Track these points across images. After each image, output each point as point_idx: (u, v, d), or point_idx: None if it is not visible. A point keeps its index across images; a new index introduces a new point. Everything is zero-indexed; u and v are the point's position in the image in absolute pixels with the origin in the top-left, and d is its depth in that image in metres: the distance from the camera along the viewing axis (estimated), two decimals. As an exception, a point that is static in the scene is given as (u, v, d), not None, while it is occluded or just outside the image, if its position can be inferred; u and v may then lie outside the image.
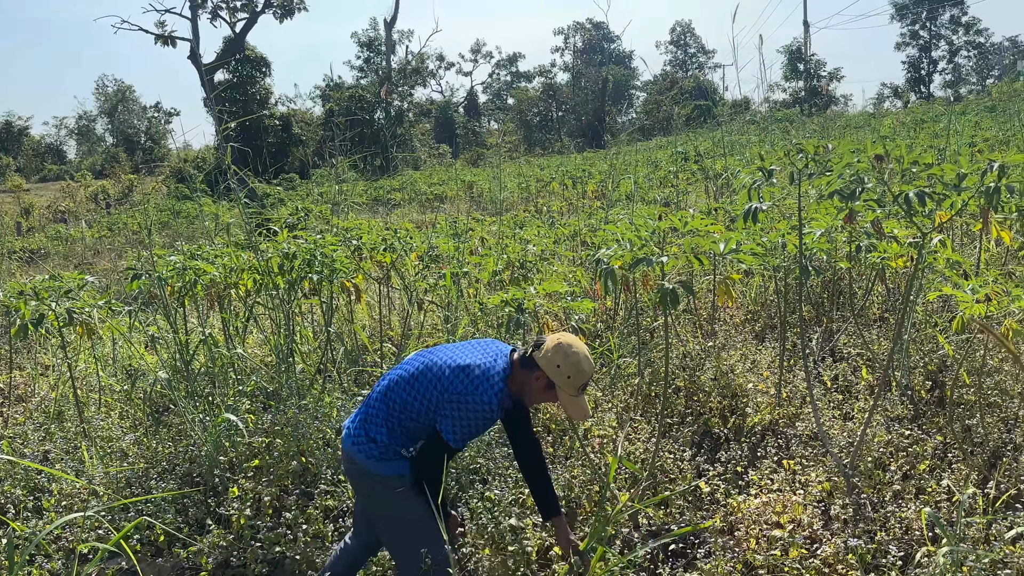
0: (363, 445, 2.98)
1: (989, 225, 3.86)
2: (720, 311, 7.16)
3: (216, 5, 25.11)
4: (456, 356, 3.00)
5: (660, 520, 3.92)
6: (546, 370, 2.92)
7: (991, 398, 4.59)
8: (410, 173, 33.75)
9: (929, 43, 50.66)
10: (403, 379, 3.01)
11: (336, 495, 4.12)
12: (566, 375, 2.90)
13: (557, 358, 2.90)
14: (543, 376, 2.94)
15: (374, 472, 2.97)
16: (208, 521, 3.99)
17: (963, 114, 20.11)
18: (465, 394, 2.87)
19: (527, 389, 3.01)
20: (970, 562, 3.08)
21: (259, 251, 5.09)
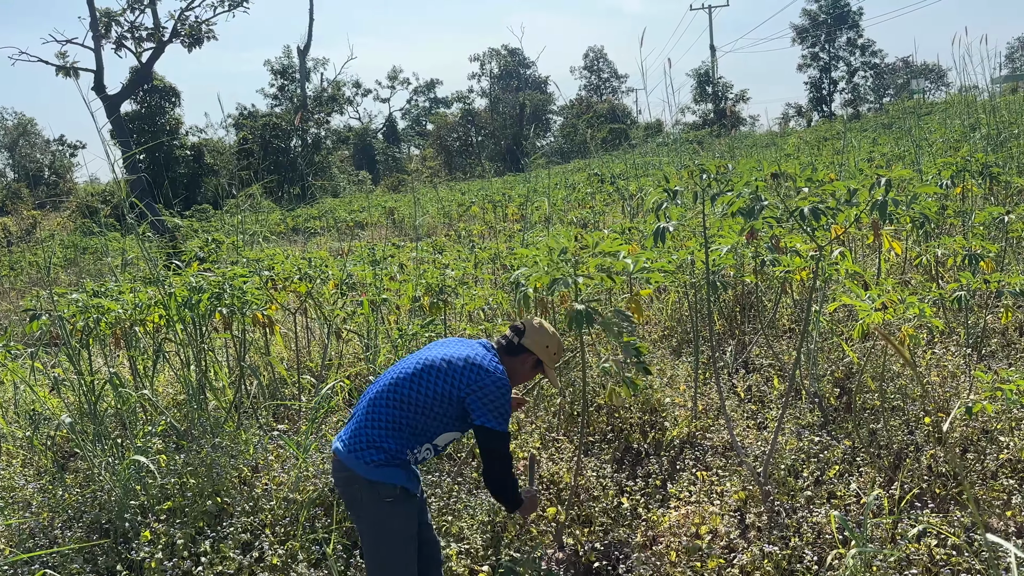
0: (363, 452, 2.96)
1: (880, 237, 4.06)
2: (638, 328, 7.29)
3: (120, 35, 24.38)
4: (456, 351, 3.11)
5: (584, 538, 3.94)
6: (536, 351, 3.20)
7: (894, 402, 4.80)
8: (329, 201, 33.32)
9: (829, 64, 53.11)
10: (405, 378, 3.06)
11: (252, 530, 4.01)
12: (553, 352, 3.23)
13: (545, 339, 3.20)
14: (532, 357, 3.20)
15: (367, 478, 2.94)
16: (119, 568, 3.81)
17: (863, 131, 21.13)
18: (488, 381, 2.99)
19: (516, 372, 3.22)
20: (878, 561, 3.20)
21: (165, 285, 4.93)
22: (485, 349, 3.14)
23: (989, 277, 4.73)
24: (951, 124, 14.51)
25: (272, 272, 6.00)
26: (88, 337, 5.39)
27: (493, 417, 2.97)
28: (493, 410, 2.98)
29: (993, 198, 8.38)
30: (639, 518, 4.04)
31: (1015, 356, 5.31)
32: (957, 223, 7.77)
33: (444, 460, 4.80)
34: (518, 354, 3.21)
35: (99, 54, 22.95)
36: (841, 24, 51.86)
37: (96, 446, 4.77)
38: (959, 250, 5.24)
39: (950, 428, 4.37)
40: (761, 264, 5.83)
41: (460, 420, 3.05)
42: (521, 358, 3.21)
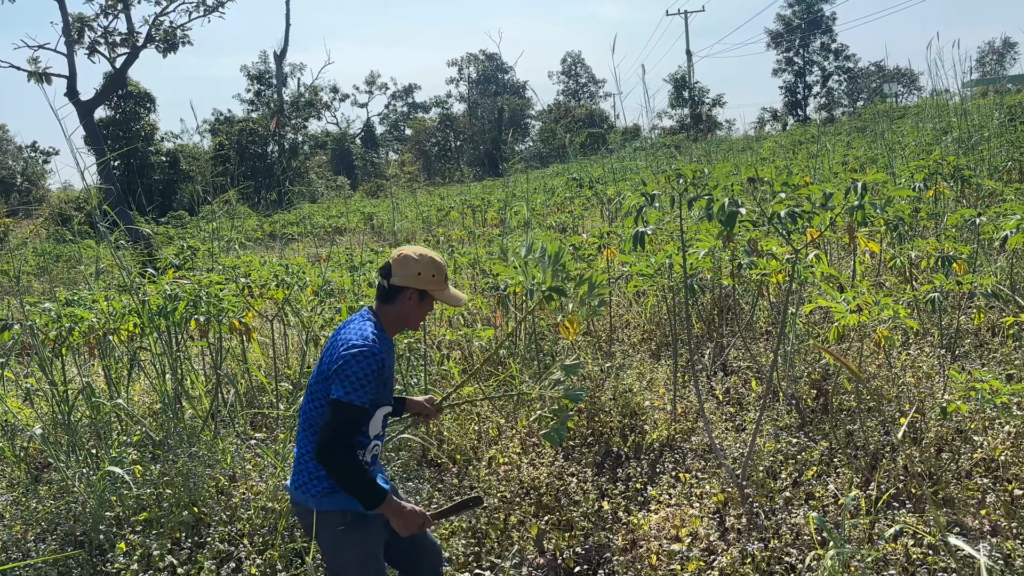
0: (308, 485, 2.84)
1: (856, 239, 4.10)
2: (618, 332, 7.32)
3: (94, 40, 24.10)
4: (330, 342, 2.92)
5: (564, 543, 3.94)
6: (411, 284, 2.90)
7: (870, 403, 4.84)
8: (307, 206, 33.16)
9: (803, 69, 53.78)
10: (304, 399, 2.95)
11: (230, 540, 3.96)
12: (430, 275, 2.92)
13: (413, 267, 2.90)
14: (411, 291, 2.91)
15: (317, 509, 2.84)
16: (93, 581, 3.76)
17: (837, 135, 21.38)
18: (341, 354, 2.74)
19: (404, 315, 2.95)
20: (855, 562, 3.22)
21: (139, 293, 4.87)
22: (360, 317, 2.93)
23: (962, 279, 4.80)
24: (923, 128, 14.72)
25: (249, 279, 5.95)
26: (61, 346, 5.32)
27: (342, 387, 2.69)
28: (343, 380, 2.70)
29: (965, 201, 8.51)
30: (620, 522, 4.05)
31: (988, 356, 5.39)
32: (930, 225, 7.88)
33: (424, 467, 4.78)
34: (395, 297, 2.92)
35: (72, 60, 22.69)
36: (815, 29, 52.51)
37: (70, 457, 4.71)
38: (932, 252, 5.31)
39: (925, 428, 4.41)
40: (738, 267, 5.88)
41: None
42: (400, 299, 2.92)
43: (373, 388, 2.73)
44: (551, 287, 3.62)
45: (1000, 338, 5.69)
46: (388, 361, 2.84)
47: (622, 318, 7.82)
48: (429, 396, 3.39)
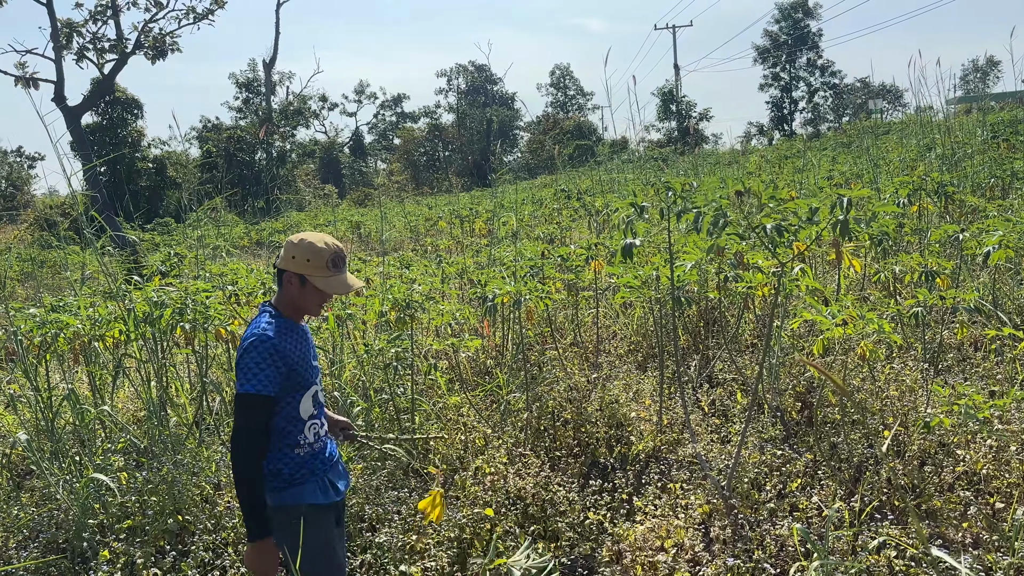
0: (266, 484, 2.85)
1: (841, 254, 4.15)
2: (605, 343, 7.34)
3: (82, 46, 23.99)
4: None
5: (550, 553, 3.94)
6: (288, 267, 2.86)
7: (853, 416, 4.88)
8: (294, 214, 33.07)
9: (789, 84, 54.23)
10: None
11: (214, 549, 3.94)
12: (304, 259, 2.84)
13: (291, 251, 2.86)
14: (292, 276, 2.86)
15: (272, 505, 2.84)
16: (75, 590, 3.73)
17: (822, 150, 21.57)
18: (241, 347, 2.80)
19: (292, 299, 2.90)
20: (839, 573, 3.25)
21: (125, 300, 4.85)
22: (258, 313, 2.95)
23: (945, 293, 4.85)
24: (907, 144, 14.89)
25: (235, 287, 5.93)
26: (45, 352, 5.28)
27: (238, 380, 2.74)
28: (238, 373, 2.75)
29: (948, 216, 8.60)
30: (605, 532, 4.06)
31: (971, 371, 5.44)
32: (914, 241, 7.96)
33: (410, 477, 4.77)
34: (282, 281, 2.91)
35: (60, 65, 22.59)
36: (801, 45, 53.01)
37: (53, 464, 4.67)
38: (916, 267, 5.37)
39: (908, 441, 4.45)
40: (724, 280, 5.92)
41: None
42: (285, 284, 2.90)
43: (272, 373, 2.73)
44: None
45: (982, 353, 5.75)
46: (289, 344, 2.83)
47: (609, 329, 7.85)
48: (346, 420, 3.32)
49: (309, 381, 2.89)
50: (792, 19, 52.74)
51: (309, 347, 2.96)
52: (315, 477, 2.89)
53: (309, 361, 2.92)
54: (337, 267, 2.90)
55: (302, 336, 2.94)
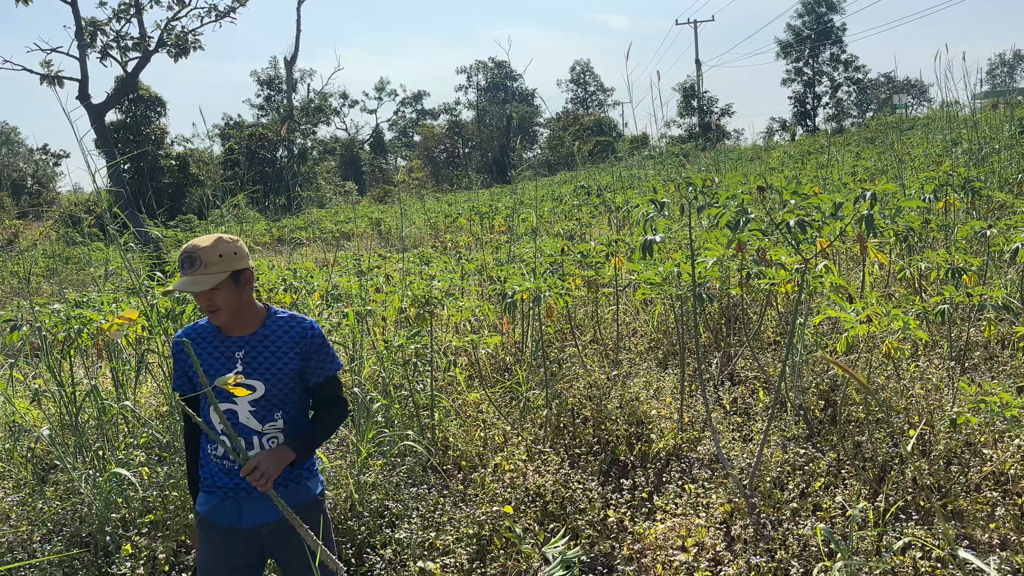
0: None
1: (866, 250, 4.09)
2: (625, 340, 7.30)
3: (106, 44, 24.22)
4: None
5: (570, 551, 3.92)
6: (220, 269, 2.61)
7: (878, 415, 4.82)
8: (315, 211, 33.25)
9: (813, 79, 53.66)
10: None
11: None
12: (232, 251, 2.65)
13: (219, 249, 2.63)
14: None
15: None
16: (98, 583, 3.76)
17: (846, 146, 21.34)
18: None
19: (235, 305, 2.67)
20: (863, 574, 3.20)
21: (148, 296, 4.89)
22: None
23: (972, 291, 4.77)
24: (933, 139, 14.68)
25: (257, 283, 5.96)
26: (69, 348, 5.33)
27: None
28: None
29: (975, 212, 8.47)
30: (625, 531, 4.03)
31: (998, 369, 5.35)
32: (940, 237, 7.84)
33: (429, 473, 4.77)
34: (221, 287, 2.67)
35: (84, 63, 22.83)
36: (825, 40, 52.44)
37: (77, 458, 4.72)
38: (942, 264, 5.29)
39: (934, 440, 4.39)
40: (747, 277, 5.86)
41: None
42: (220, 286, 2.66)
43: (177, 375, 2.79)
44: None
45: (1010, 351, 5.66)
46: (205, 348, 2.73)
47: (629, 326, 7.80)
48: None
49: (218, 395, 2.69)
50: (815, 13, 52.20)
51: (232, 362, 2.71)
52: (220, 492, 2.73)
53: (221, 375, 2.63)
54: (181, 269, 2.66)
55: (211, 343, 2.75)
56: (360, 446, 4.53)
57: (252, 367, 2.70)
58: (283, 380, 2.72)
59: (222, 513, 2.72)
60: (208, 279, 2.58)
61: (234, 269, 2.63)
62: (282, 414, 2.74)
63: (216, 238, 2.64)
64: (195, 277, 2.59)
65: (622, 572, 3.63)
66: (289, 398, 2.75)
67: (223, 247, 2.62)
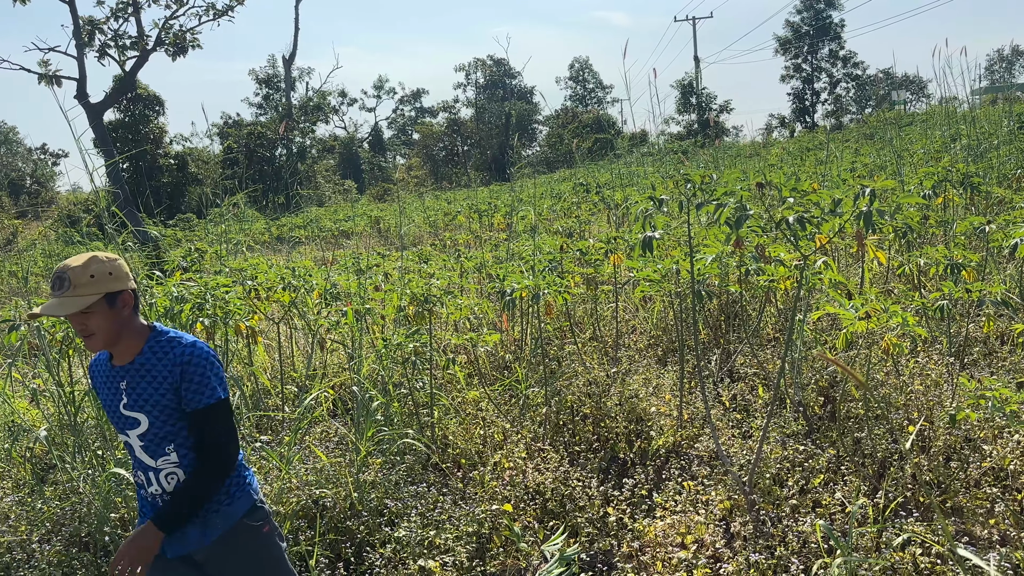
0: None
1: (865, 246, 4.08)
2: (624, 337, 7.30)
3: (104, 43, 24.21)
4: None
5: (569, 548, 3.92)
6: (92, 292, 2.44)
7: (877, 411, 4.81)
8: (314, 210, 33.22)
9: (811, 75, 53.60)
10: None
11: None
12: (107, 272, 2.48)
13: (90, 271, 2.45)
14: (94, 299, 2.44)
15: None
16: (97, 584, 3.76)
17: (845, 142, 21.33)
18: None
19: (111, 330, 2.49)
20: (863, 571, 3.20)
21: (146, 295, 4.88)
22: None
23: (971, 286, 4.77)
24: (932, 135, 14.68)
25: (255, 282, 5.95)
26: (68, 347, 5.33)
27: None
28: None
29: (974, 208, 8.47)
30: (625, 528, 4.03)
31: (997, 365, 5.35)
32: (939, 233, 7.84)
33: (429, 471, 4.77)
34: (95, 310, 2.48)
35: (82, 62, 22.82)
36: (823, 36, 52.40)
37: (76, 458, 4.72)
38: (941, 260, 5.28)
39: (933, 436, 4.39)
40: (746, 273, 5.85)
41: None
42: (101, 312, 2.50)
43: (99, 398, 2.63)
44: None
45: (1009, 346, 5.65)
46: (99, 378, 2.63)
47: (628, 323, 7.80)
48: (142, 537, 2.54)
49: (120, 424, 2.58)
50: (814, 9, 52.14)
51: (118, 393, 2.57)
52: (143, 520, 2.66)
53: (115, 407, 2.57)
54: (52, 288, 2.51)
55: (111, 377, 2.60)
56: (359, 444, 4.53)
57: (133, 399, 2.53)
58: (164, 412, 2.52)
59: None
60: (76, 301, 2.40)
61: (109, 291, 2.45)
62: (174, 447, 2.56)
63: (89, 257, 2.47)
64: (62, 299, 2.41)
65: (621, 569, 3.63)
66: (177, 431, 2.55)
67: (96, 267, 2.44)
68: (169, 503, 2.54)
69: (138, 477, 2.63)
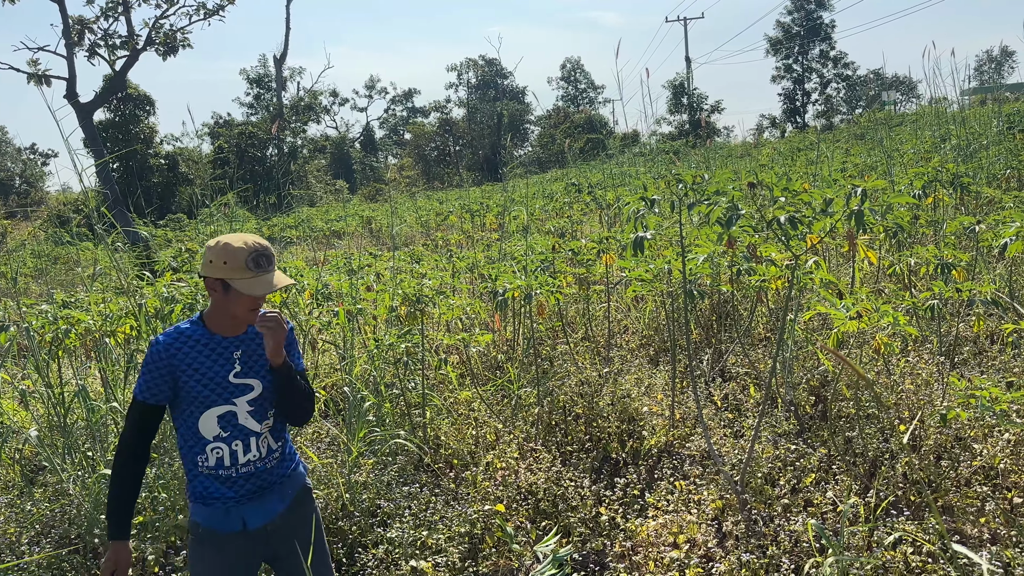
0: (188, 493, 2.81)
1: (855, 246, 4.09)
2: (617, 337, 7.30)
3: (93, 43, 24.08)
4: None
5: (562, 548, 3.92)
6: (207, 273, 2.64)
7: (869, 410, 4.83)
8: (305, 210, 33.13)
9: (802, 76, 53.79)
10: None
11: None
12: (221, 262, 2.61)
13: (208, 255, 2.66)
14: (213, 282, 2.64)
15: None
16: (87, 586, 3.73)
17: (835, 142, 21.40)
18: None
19: (219, 306, 2.67)
20: (854, 569, 3.21)
21: (136, 296, 4.86)
22: (189, 319, 2.81)
23: (961, 286, 4.79)
24: (922, 135, 14.74)
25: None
26: (57, 348, 5.30)
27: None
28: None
29: (964, 208, 8.51)
30: (617, 528, 4.03)
31: (987, 364, 5.38)
32: (929, 233, 7.87)
33: (421, 472, 4.76)
34: (208, 288, 2.69)
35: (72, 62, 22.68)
36: (814, 37, 52.58)
37: (65, 459, 4.69)
38: (931, 259, 5.30)
39: (924, 435, 4.40)
40: (737, 273, 5.86)
41: (173, 404, 2.70)
42: (209, 293, 2.69)
43: (151, 380, 2.61)
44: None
45: (999, 345, 5.68)
46: (188, 356, 2.65)
47: (620, 323, 7.81)
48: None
49: (211, 399, 2.65)
50: (805, 10, 52.33)
51: (228, 362, 2.69)
52: (220, 503, 2.68)
53: (219, 378, 2.66)
54: (260, 266, 2.64)
55: (219, 349, 2.69)
56: (351, 445, 4.51)
57: (249, 366, 2.71)
58: (270, 376, 2.73)
59: (226, 522, 2.67)
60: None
61: None
62: (272, 412, 2.76)
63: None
64: (280, 274, 2.68)
65: (614, 569, 3.63)
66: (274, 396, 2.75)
67: None
68: (296, 380, 2.75)
69: (232, 447, 2.67)
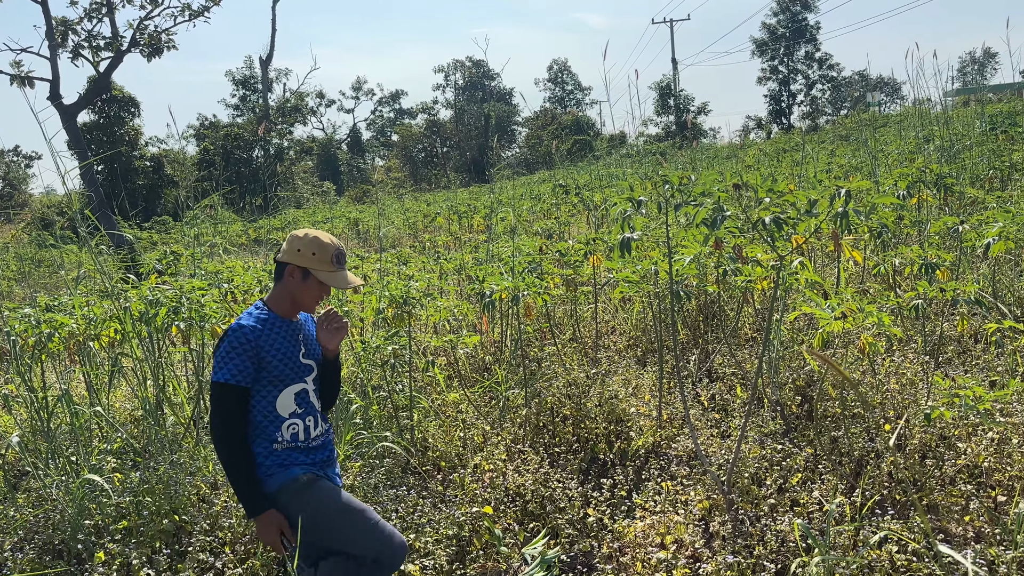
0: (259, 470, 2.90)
1: (841, 246, 4.11)
2: (604, 338, 7.31)
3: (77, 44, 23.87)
4: None
5: (549, 550, 3.91)
6: (292, 260, 2.92)
7: (854, 410, 4.85)
8: (292, 211, 33.00)
9: (787, 77, 54.08)
10: None
11: (211, 549, 3.91)
12: (310, 252, 2.92)
13: (295, 244, 2.94)
14: (294, 268, 2.93)
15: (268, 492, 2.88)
16: (70, 592, 3.70)
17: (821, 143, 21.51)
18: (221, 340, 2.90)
19: (290, 293, 2.95)
20: (840, 569, 3.22)
21: (121, 299, 4.82)
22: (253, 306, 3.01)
23: (945, 286, 4.82)
24: (906, 136, 14.84)
25: (231, 284, 5.90)
26: (40, 352, 5.25)
27: (215, 367, 2.83)
28: (213, 363, 2.85)
29: (947, 208, 8.57)
30: (605, 529, 4.03)
31: (971, 363, 5.42)
32: (913, 233, 7.93)
33: (409, 475, 4.75)
34: (282, 275, 2.96)
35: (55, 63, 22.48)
36: (799, 38, 52.88)
37: (49, 465, 4.64)
38: (916, 259, 5.34)
39: (909, 435, 4.43)
40: (723, 274, 5.88)
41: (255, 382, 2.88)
42: (286, 277, 2.94)
43: (240, 363, 2.79)
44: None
45: (983, 345, 5.72)
46: (270, 338, 2.88)
47: (608, 324, 7.82)
48: None
49: (289, 378, 2.92)
50: (790, 12, 52.63)
51: (297, 344, 2.97)
52: (307, 467, 2.95)
53: (294, 358, 2.94)
54: (340, 263, 2.98)
55: (289, 332, 2.96)
56: (337, 448, 4.49)
57: (309, 348, 3.02)
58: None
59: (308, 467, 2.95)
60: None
61: None
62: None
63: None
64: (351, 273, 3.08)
65: (601, 570, 3.63)
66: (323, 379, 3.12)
67: None
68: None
69: (306, 422, 2.97)
